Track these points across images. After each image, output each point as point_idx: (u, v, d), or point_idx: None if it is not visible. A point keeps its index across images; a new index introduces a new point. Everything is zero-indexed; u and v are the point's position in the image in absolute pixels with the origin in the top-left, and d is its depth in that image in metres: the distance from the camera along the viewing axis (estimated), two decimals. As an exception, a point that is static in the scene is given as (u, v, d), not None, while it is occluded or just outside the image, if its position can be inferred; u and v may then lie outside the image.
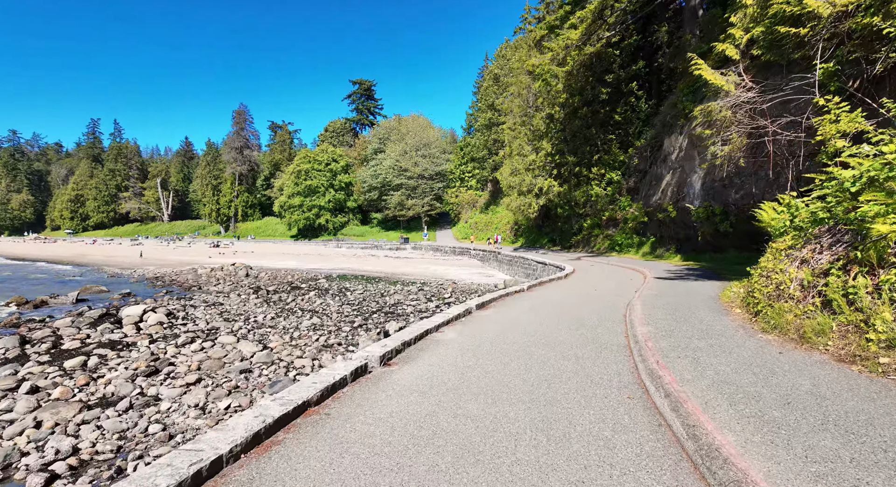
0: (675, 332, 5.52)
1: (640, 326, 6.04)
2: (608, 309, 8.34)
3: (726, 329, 5.63)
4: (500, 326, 6.68)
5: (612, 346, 5.33)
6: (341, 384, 3.81)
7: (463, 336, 6.01)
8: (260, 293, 23.68)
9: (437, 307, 19.13)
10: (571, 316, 7.60)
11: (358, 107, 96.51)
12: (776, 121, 8.43)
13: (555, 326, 6.68)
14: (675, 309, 7.43)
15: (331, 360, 10.21)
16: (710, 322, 6.16)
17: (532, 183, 34.75)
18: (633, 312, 7.34)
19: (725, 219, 18.73)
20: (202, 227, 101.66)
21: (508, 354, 5.02)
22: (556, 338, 5.82)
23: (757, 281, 6.49)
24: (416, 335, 5.56)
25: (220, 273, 35.26)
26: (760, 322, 5.74)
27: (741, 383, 3.61)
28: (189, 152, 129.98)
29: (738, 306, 7.18)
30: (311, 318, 16.52)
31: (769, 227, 7.92)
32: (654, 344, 4.91)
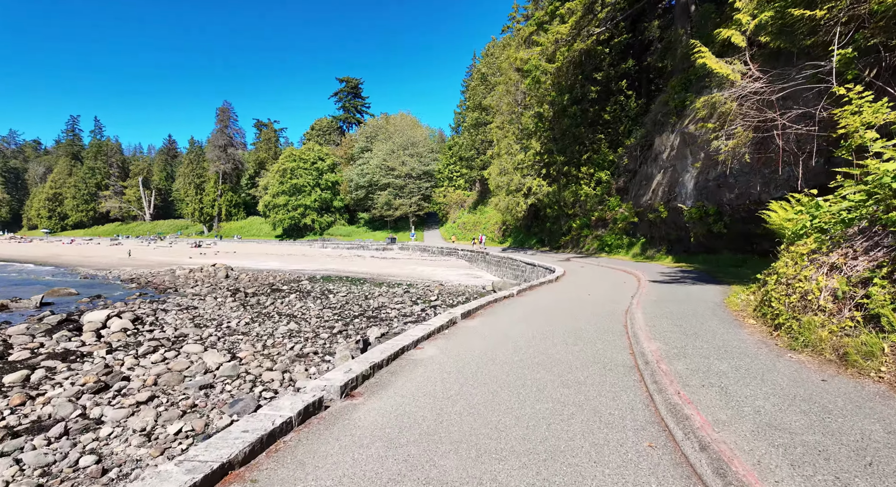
0: (688, 350, 4.78)
1: (647, 341, 5.28)
2: (606, 317, 7.59)
3: (746, 345, 4.91)
4: (488, 341, 5.88)
5: (617, 367, 4.57)
6: (283, 429, 2.97)
7: (445, 354, 5.19)
8: (238, 295, 22.63)
9: (422, 310, 18.31)
10: (567, 326, 6.84)
11: (345, 105, 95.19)
12: (785, 113, 7.78)
13: (549, 340, 5.90)
14: (681, 319, 6.70)
15: (303, 373, 9.33)
16: (724, 336, 5.43)
17: (521, 182, 34.10)
18: (635, 322, 6.59)
19: (719, 220, 18.18)
20: (185, 227, 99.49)
21: (498, 379, 4.23)
22: (553, 356, 5.04)
23: (774, 288, 5.77)
24: (389, 355, 4.73)
25: (199, 274, 34.01)
26: (784, 337, 5.02)
27: (794, 428, 2.86)
28: (173, 150, 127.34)
29: (750, 316, 6.47)
30: (289, 324, 15.57)
31: (781, 229, 7.22)
32: (668, 367, 4.16)
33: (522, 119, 33.86)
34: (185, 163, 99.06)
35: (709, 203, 18.68)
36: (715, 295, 9.32)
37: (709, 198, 18.70)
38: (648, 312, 7.44)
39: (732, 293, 9.26)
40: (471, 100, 61.99)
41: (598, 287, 12.75)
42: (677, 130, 22.17)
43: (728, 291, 10.00)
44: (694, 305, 8.04)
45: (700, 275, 14.41)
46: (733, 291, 9.76)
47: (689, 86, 21.78)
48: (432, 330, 6.10)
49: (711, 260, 18.93)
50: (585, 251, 31.92)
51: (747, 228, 16.91)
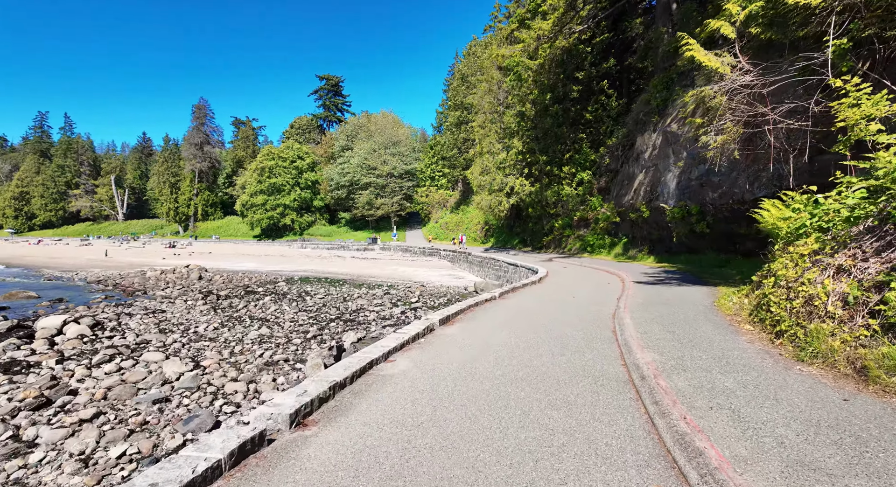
0: (686, 362, 4.32)
1: (641, 351, 4.82)
2: (593, 322, 7.14)
3: (748, 356, 4.48)
4: (468, 351, 5.35)
5: (610, 382, 4.09)
6: (208, 477, 2.37)
7: (419, 368, 4.64)
8: (209, 298, 21.70)
9: (402, 313, 17.73)
10: (552, 333, 6.36)
11: (325, 103, 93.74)
12: (777, 107, 7.46)
13: (534, 349, 5.40)
14: (673, 324, 6.27)
15: (270, 384, 8.67)
16: (722, 344, 5.01)
17: (503, 181, 33.75)
18: (625, 328, 6.14)
19: (702, 220, 18.02)
20: (160, 227, 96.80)
21: (477, 400, 3.70)
22: (538, 369, 4.54)
23: (772, 292, 5.37)
24: (355, 371, 4.15)
25: (171, 275, 32.80)
26: (788, 345, 4.61)
27: (830, 467, 2.37)
28: (147, 148, 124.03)
29: (745, 321, 6.07)
30: (260, 328, 14.83)
31: (774, 229, 6.86)
32: (667, 383, 3.69)
33: (504, 118, 33.50)
34: (159, 161, 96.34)
35: (691, 202, 18.52)
36: (703, 298, 8.97)
37: (691, 198, 18.54)
38: (637, 316, 7.01)
39: (721, 295, 8.92)
40: (452, 99, 61.55)
41: (582, 288, 12.34)
42: (659, 129, 22.02)
43: (716, 293, 9.68)
44: (683, 308, 7.64)
45: (684, 276, 14.14)
46: (722, 293, 9.44)
47: (671, 84, 21.66)
48: (406, 339, 5.54)
49: (694, 261, 18.77)
50: (567, 251, 31.72)
51: (730, 228, 16.77)
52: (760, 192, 14.25)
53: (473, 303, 8.75)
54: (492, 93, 34.79)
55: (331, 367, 4.23)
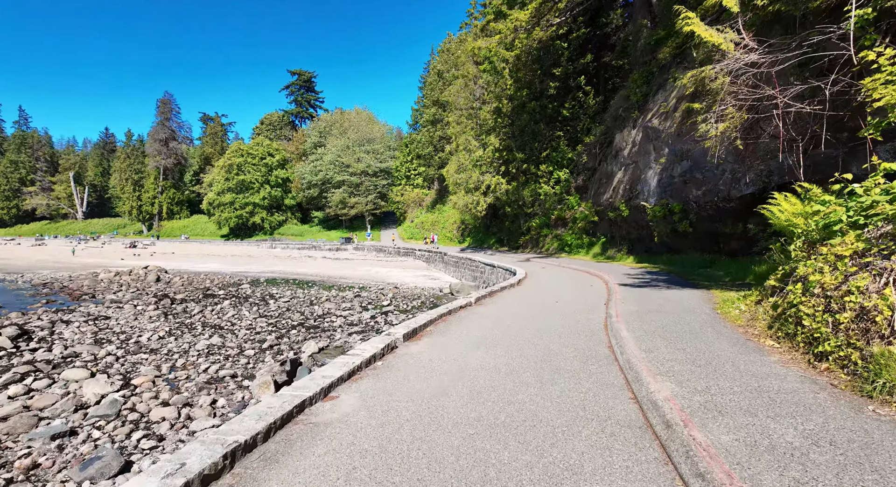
0: (717, 398, 3.30)
1: (652, 379, 3.78)
2: (583, 335, 6.12)
3: (792, 387, 3.48)
4: (435, 379, 4.22)
5: (622, 430, 3.04)
6: None
7: (368, 409, 3.49)
8: (162, 303, 20.00)
9: (372, 317, 16.53)
10: (538, 350, 5.30)
11: (297, 98, 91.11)
12: (786, 89, 6.61)
13: (518, 376, 4.32)
14: (679, 339, 5.29)
15: (206, 408, 7.35)
16: (750, 368, 4.02)
17: (479, 180, 32.77)
18: (624, 344, 5.12)
19: (685, 218, 17.35)
20: (122, 226, 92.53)
21: (443, 468, 2.58)
22: (525, 408, 3.46)
23: (803, 301, 4.42)
24: (273, 421, 2.95)
25: (127, 277, 30.72)
26: (839, 372, 3.65)
27: None
28: (110, 145, 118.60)
29: (765, 334, 5.13)
30: (211, 337, 13.40)
31: (790, 226, 5.95)
32: (705, 438, 2.65)
33: (481, 114, 32.52)
34: (121, 157, 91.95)
35: (673, 200, 17.85)
36: (699, 303, 8.07)
37: (673, 196, 17.86)
38: (634, 327, 6.01)
39: (721, 301, 8.04)
40: (428, 96, 60.34)
41: (564, 292, 11.37)
42: (639, 125, 21.37)
43: (710, 297, 8.82)
44: (684, 317, 6.69)
45: (670, 278, 13.35)
46: (718, 297, 8.58)
47: (651, 79, 21.03)
48: (357, 365, 4.36)
49: (676, 261, 18.10)
50: (545, 251, 30.97)
51: (714, 227, 16.13)
52: (748, 189, 13.60)
53: (446, 311, 7.63)
54: (468, 89, 33.77)
55: (236, 418, 3.02)
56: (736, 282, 11.22)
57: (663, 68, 19.84)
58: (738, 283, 11.03)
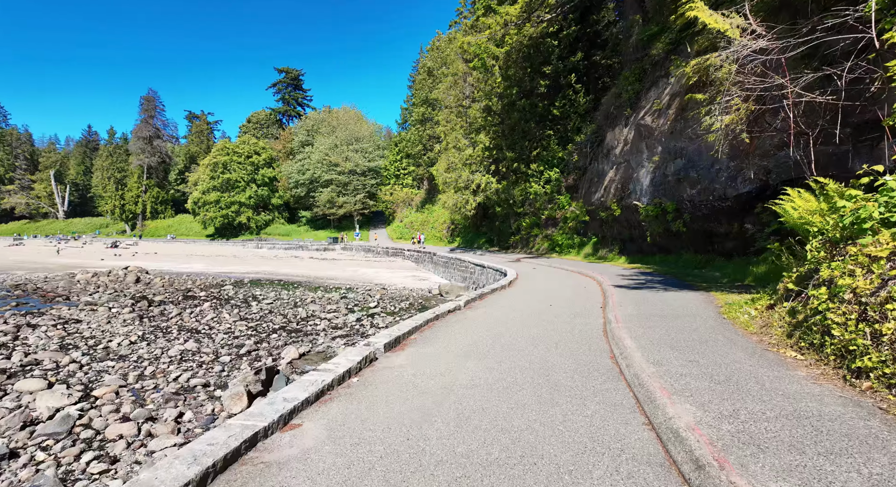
0: (751, 426, 2.79)
1: (668, 400, 3.26)
2: (583, 343, 5.61)
3: (836, 413, 2.96)
4: (417, 401, 3.65)
5: (640, 467, 2.52)
6: None
7: (337, 438, 2.92)
8: (139, 305, 19.18)
9: (358, 320, 15.93)
10: (534, 362, 4.78)
11: (284, 97, 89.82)
12: (797, 78, 6.17)
13: (513, 393, 3.79)
14: (689, 348, 4.80)
15: (170, 424, 6.71)
16: (779, 386, 3.52)
17: (469, 178, 32.26)
18: (629, 355, 4.61)
19: (678, 218, 16.98)
20: (104, 226, 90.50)
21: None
22: (523, 438, 2.92)
23: (832, 308, 3.94)
24: (209, 467, 2.35)
25: (106, 278, 29.72)
26: (886, 393, 3.16)
27: None
28: (93, 143, 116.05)
29: (784, 344, 4.65)
30: (187, 342, 12.71)
31: (804, 224, 5.49)
32: (749, 485, 2.13)
33: (470, 112, 32.01)
34: (102, 155, 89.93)
35: (667, 200, 17.48)
36: (701, 306, 7.61)
37: (667, 195, 17.49)
38: (638, 334, 5.51)
39: (724, 304, 7.59)
40: (417, 95, 59.72)
41: (557, 294, 10.88)
42: (631, 123, 21.00)
43: (711, 300, 8.37)
44: (689, 322, 6.21)
45: (666, 279, 12.93)
46: (721, 301, 8.13)
47: (644, 76, 20.66)
48: (328, 382, 3.79)
49: (670, 262, 17.75)
50: (535, 251, 30.56)
51: (709, 226, 15.78)
52: (745, 188, 13.23)
53: (433, 317, 7.07)
54: (457, 87, 33.24)
55: (162, 463, 2.42)
56: (735, 284, 10.83)
57: (656, 65, 19.48)
58: (738, 285, 10.64)
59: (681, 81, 17.16)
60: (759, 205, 12.81)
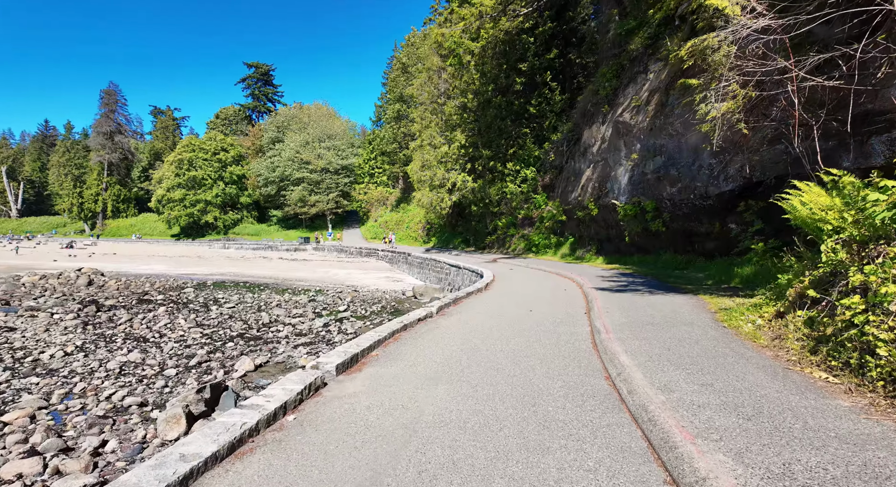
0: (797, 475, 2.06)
1: (694, 446, 2.51)
2: (571, 359, 4.85)
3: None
4: (368, 450, 2.78)
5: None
6: None
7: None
8: (87, 310, 17.66)
9: (325, 325, 14.91)
10: (517, 387, 3.98)
11: (254, 92, 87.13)
12: (803, 60, 5.57)
13: (492, 435, 2.98)
14: (698, 367, 4.08)
15: (84, 458, 5.64)
16: (824, 421, 2.81)
17: (444, 177, 31.43)
18: (628, 376, 3.87)
19: (657, 217, 16.54)
20: (62, 225, 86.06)
21: None
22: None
23: (867, 319, 3.26)
24: None
25: (55, 281, 27.76)
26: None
27: None
28: (51, 138, 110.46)
29: (807, 361, 3.98)
30: (131, 352, 11.50)
31: (817, 222, 4.85)
32: None
33: (445, 109, 31.21)
34: (59, 151, 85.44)
35: (646, 198, 17.02)
36: (694, 312, 6.98)
37: (646, 193, 17.04)
38: (633, 348, 4.78)
39: (718, 309, 6.98)
40: (392, 92, 58.60)
41: (537, 297, 10.16)
42: (609, 120, 20.55)
43: (702, 304, 7.76)
44: (687, 332, 5.52)
45: (647, 280, 12.39)
46: (713, 305, 7.53)
47: (622, 72, 20.24)
48: (252, 425, 2.89)
49: (649, 262, 17.32)
50: (512, 251, 29.98)
51: (690, 226, 15.36)
52: (728, 186, 12.79)
53: (400, 327, 6.21)
54: (432, 83, 32.38)
55: None
56: (721, 286, 10.31)
57: (634, 61, 19.06)
58: (724, 287, 10.12)
59: (660, 77, 16.77)
60: (742, 204, 12.40)
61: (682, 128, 14.50)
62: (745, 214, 12.21)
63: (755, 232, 11.70)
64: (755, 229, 11.70)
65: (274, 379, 9.35)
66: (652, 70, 17.35)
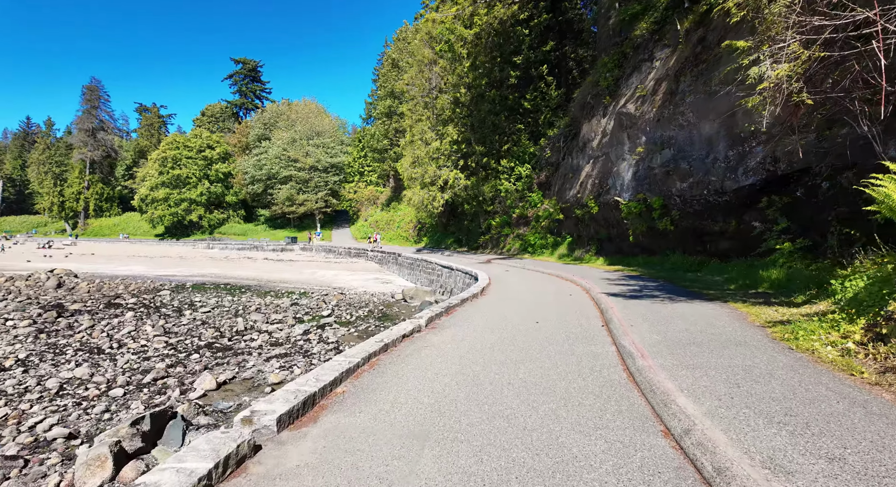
0: None
1: None
2: (606, 399, 3.62)
3: None
4: None
5: None
6: None
7: None
8: (46, 316, 16.19)
9: (304, 333, 13.60)
10: (538, 451, 2.77)
11: (241, 89, 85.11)
12: (889, 11, 4.34)
13: None
14: (805, 422, 2.85)
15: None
16: None
17: (436, 174, 30.09)
18: (703, 438, 2.64)
19: (666, 215, 15.38)
20: (42, 224, 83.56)
21: None
22: None
23: None
24: None
25: (22, 283, 26.14)
26: None
27: None
28: (33, 135, 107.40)
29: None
30: (80, 366, 10.12)
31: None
32: None
33: (437, 103, 29.89)
34: (39, 148, 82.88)
35: (652, 195, 15.87)
36: (737, 326, 5.77)
37: (652, 189, 15.89)
38: (690, 385, 3.54)
39: (768, 323, 5.78)
40: (382, 88, 57.10)
41: (541, 305, 8.92)
42: (611, 112, 19.39)
43: (739, 315, 6.56)
44: (748, 358, 4.29)
45: (662, 285, 11.19)
46: (753, 316, 6.33)
47: (624, 61, 19.08)
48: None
49: (655, 263, 16.15)
50: (507, 251, 28.75)
51: (701, 224, 14.21)
52: (748, 179, 11.64)
53: (379, 348, 4.92)
54: (423, 75, 31.03)
55: None
56: (748, 291, 9.12)
57: (638, 48, 17.91)
58: (752, 293, 8.93)
59: (668, 64, 15.63)
60: (764, 199, 11.25)
61: (695, 117, 13.35)
62: (769, 211, 11.06)
63: (781, 230, 10.55)
64: (781, 227, 10.55)
65: (235, 401, 8.02)
66: (658, 57, 16.20)
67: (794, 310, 6.27)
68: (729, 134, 12.08)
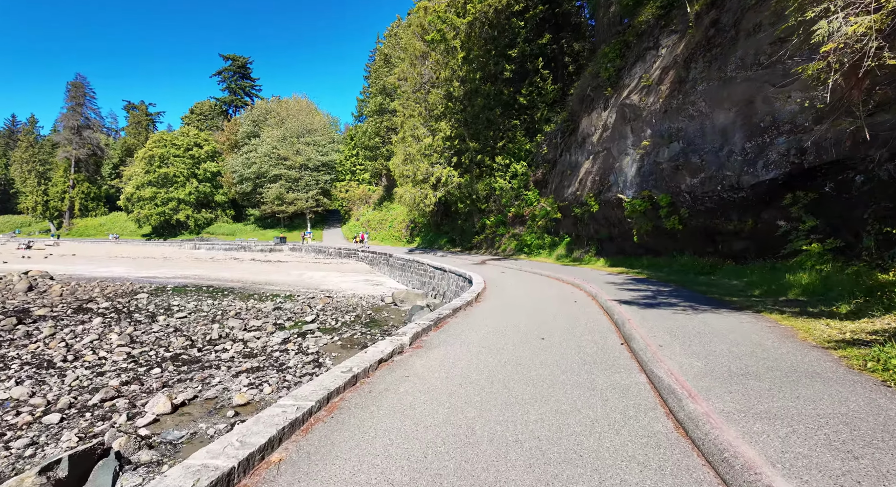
0: None
1: None
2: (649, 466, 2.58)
3: None
4: None
5: None
6: None
7: None
8: (5, 322, 14.91)
9: (283, 342, 12.45)
10: None
11: (230, 86, 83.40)
12: None
13: None
14: None
15: None
16: None
17: (429, 171, 28.94)
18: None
19: (673, 213, 14.33)
20: (26, 224, 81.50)
21: None
22: None
23: None
24: None
25: (-9, 286, 24.68)
26: None
27: None
28: (18, 133, 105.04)
29: None
30: (21, 383, 8.96)
31: None
32: None
33: (430, 98, 28.73)
34: (22, 146, 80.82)
35: (658, 192, 14.82)
36: (791, 347, 4.71)
37: (658, 186, 14.84)
38: (780, 455, 2.44)
39: (822, 341, 4.77)
40: (374, 84, 55.86)
41: (544, 314, 7.82)
42: (613, 105, 18.34)
43: (783, 330, 5.50)
44: (838, 402, 3.21)
45: (676, 290, 10.12)
46: (804, 332, 5.27)
47: (627, 50, 18.03)
48: None
49: (662, 265, 15.10)
50: (502, 252, 27.67)
51: (714, 223, 13.15)
52: (768, 174, 10.59)
53: (348, 379, 3.81)
54: (415, 69, 29.87)
55: None
56: (777, 298, 8.07)
57: (642, 36, 16.87)
58: (782, 300, 7.88)
59: (675, 51, 14.59)
60: (788, 196, 10.21)
61: (708, 106, 12.30)
62: (793, 209, 10.03)
63: (808, 229, 9.52)
64: (808, 226, 9.51)
65: (190, 428, 6.84)
66: (665, 44, 15.17)
67: (850, 325, 5.22)
68: (747, 123, 11.04)
